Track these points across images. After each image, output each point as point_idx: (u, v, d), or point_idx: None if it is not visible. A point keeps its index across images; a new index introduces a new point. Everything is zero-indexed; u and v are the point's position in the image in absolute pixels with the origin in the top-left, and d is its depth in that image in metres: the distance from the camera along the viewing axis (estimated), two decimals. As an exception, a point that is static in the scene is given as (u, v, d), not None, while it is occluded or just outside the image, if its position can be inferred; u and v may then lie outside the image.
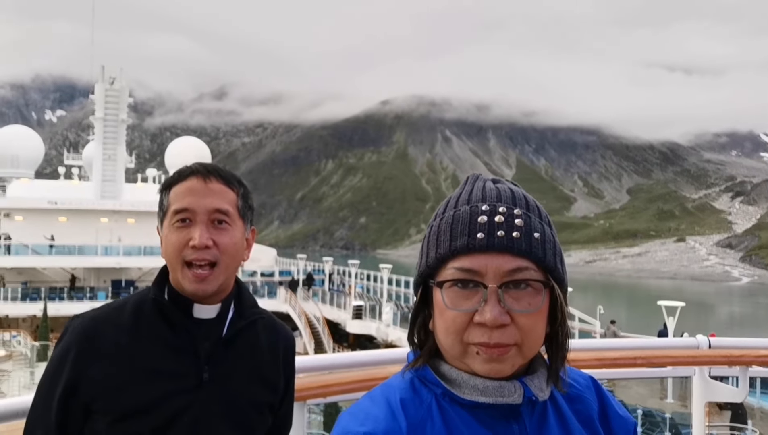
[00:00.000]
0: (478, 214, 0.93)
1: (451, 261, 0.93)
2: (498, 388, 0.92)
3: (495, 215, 0.92)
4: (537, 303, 0.92)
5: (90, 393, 1.36)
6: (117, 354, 1.37)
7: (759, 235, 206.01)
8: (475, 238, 0.91)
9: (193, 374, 1.41)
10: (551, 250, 0.94)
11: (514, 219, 0.92)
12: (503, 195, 0.96)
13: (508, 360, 0.91)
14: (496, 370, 0.91)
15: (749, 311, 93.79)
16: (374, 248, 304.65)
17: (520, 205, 0.95)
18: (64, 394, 1.37)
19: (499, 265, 0.90)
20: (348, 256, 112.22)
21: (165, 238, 1.45)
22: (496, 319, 0.88)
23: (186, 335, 1.42)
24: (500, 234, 0.91)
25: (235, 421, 1.45)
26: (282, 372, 1.58)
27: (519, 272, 0.91)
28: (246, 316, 1.52)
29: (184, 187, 1.44)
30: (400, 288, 43.78)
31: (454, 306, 0.91)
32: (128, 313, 1.42)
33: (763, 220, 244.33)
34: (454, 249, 0.92)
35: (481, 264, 0.91)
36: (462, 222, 0.93)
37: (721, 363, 3.33)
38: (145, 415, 1.36)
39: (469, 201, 0.96)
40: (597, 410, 1.05)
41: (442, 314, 0.93)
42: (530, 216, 0.95)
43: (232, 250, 1.45)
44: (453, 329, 0.92)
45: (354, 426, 0.91)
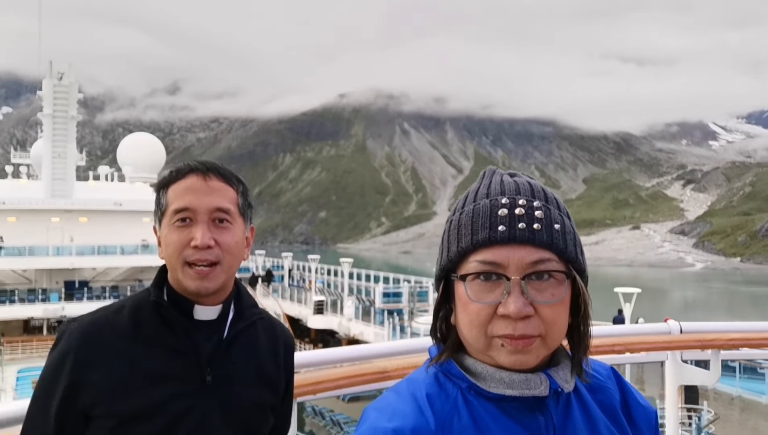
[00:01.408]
0: (498, 207, 0.94)
1: (473, 254, 0.94)
2: (524, 381, 0.92)
3: (515, 208, 0.93)
4: (560, 294, 0.92)
5: (90, 399, 1.33)
6: (117, 358, 1.35)
7: (711, 221, 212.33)
8: (497, 230, 0.92)
9: (195, 377, 1.39)
10: (572, 241, 0.95)
11: (534, 211, 0.93)
12: (522, 188, 0.97)
13: (533, 351, 0.91)
14: (521, 361, 0.92)
15: (702, 296, 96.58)
16: (335, 242, 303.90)
17: (539, 198, 0.96)
18: (62, 400, 1.34)
19: (522, 256, 0.91)
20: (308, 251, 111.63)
21: (164, 238, 1.42)
22: (520, 311, 0.89)
23: (186, 337, 1.41)
24: (521, 226, 0.92)
25: (238, 424, 1.43)
26: (282, 372, 1.57)
27: (541, 263, 0.92)
28: (246, 316, 1.51)
29: (184, 185, 1.42)
30: (362, 282, 43.65)
31: (477, 299, 0.92)
32: (127, 315, 1.40)
33: (713, 206, 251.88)
34: (476, 242, 0.93)
35: (504, 256, 0.91)
36: (483, 215, 0.94)
37: (693, 347, 3.37)
38: (148, 420, 1.34)
39: (488, 194, 0.97)
40: (619, 400, 1.06)
41: (465, 308, 0.94)
42: (549, 208, 0.96)
43: (234, 249, 1.44)
44: (477, 322, 0.92)
45: (382, 422, 0.91)
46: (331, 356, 2.33)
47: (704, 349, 3.36)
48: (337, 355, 2.35)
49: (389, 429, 0.90)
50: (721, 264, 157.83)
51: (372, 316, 33.31)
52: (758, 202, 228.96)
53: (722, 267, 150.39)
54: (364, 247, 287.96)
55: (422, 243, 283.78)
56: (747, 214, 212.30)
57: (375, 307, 34.45)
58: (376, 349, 2.57)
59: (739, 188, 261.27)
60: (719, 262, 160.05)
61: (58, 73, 43.90)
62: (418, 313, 32.34)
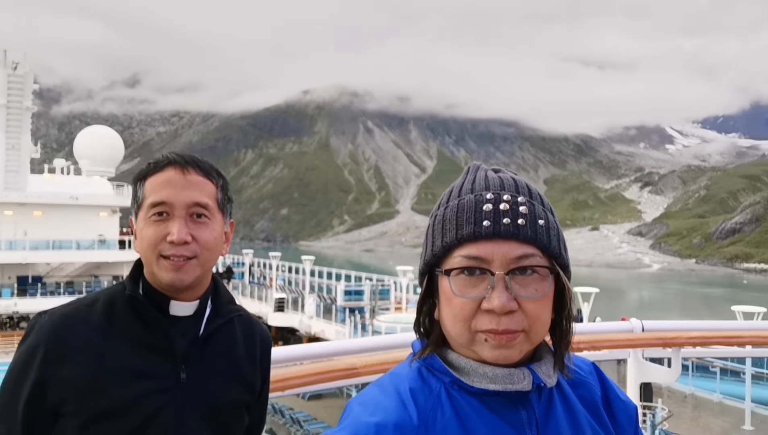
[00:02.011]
0: (483, 202, 0.94)
1: (458, 249, 0.93)
2: (507, 376, 0.93)
3: (500, 203, 0.94)
4: (543, 289, 0.93)
5: (60, 394, 1.29)
6: (89, 353, 1.30)
7: (667, 223, 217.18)
8: (481, 225, 0.92)
9: (170, 374, 1.35)
10: (555, 236, 0.96)
11: (519, 206, 0.94)
12: (506, 183, 0.97)
13: (517, 346, 0.92)
14: (505, 356, 0.92)
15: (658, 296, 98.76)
16: (297, 240, 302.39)
17: (523, 193, 0.96)
18: (30, 395, 1.30)
19: (506, 252, 0.91)
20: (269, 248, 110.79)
21: (140, 231, 1.39)
22: (504, 306, 0.89)
23: (161, 333, 1.37)
24: (506, 221, 0.92)
25: (212, 423, 1.40)
26: (259, 371, 1.54)
27: (525, 259, 0.92)
28: (223, 313, 1.47)
29: (161, 178, 1.38)
30: (323, 280, 43.52)
31: (461, 293, 0.92)
32: (100, 309, 1.36)
33: (669, 209, 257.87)
34: (461, 237, 0.93)
35: (488, 251, 0.92)
36: (467, 210, 0.94)
37: (656, 345, 3.42)
38: (120, 417, 1.29)
39: (473, 190, 0.97)
40: (600, 395, 1.06)
41: (449, 302, 0.94)
42: (534, 203, 0.96)
43: (212, 245, 1.40)
44: (461, 317, 0.92)
45: (365, 416, 0.92)
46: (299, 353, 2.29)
47: (666, 347, 3.42)
48: (306, 352, 2.33)
49: (372, 423, 0.90)
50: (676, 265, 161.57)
51: (333, 314, 33.19)
52: (712, 206, 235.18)
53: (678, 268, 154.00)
54: (327, 244, 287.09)
55: (385, 241, 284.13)
56: (702, 216, 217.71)
57: (336, 305, 34.37)
58: (344, 346, 2.55)
59: (694, 191, 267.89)
60: (675, 263, 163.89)
61: (13, 63, 42.62)
62: (379, 311, 32.36)
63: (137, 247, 1.40)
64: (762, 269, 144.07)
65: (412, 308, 32.18)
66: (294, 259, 50.02)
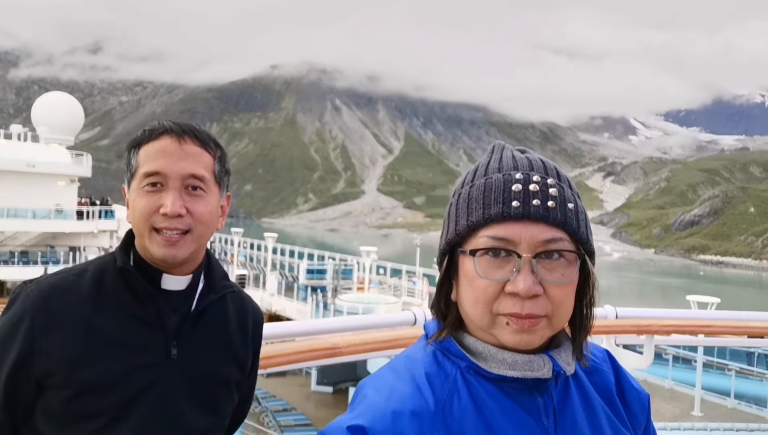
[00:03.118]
0: (511, 182, 0.91)
1: (484, 229, 0.91)
2: (527, 362, 0.90)
3: (529, 184, 0.91)
4: (570, 274, 0.90)
5: (45, 367, 1.24)
6: (77, 325, 1.26)
7: (628, 213, 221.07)
8: (510, 206, 0.89)
9: (161, 349, 1.31)
10: (584, 221, 0.93)
11: (549, 188, 0.91)
12: (535, 164, 0.94)
13: (538, 331, 0.90)
14: (526, 341, 0.89)
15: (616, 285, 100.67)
16: (260, 217, 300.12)
17: (552, 175, 0.94)
18: (14, 367, 1.25)
19: (534, 234, 0.89)
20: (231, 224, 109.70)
21: (132, 201, 1.33)
22: (530, 289, 0.87)
23: (153, 307, 1.32)
24: (535, 203, 0.89)
25: (202, 400, 1.36)
26: (250, 349, 1.51)
27: (553, 243, 0.89)
28: (216, 289, 1.42)
29: (156, 147, 1.32)
30: (285, 257, 43.24)
31: (485, 275, 0.89)
32: (89, 280, 1.30)
33: (631, 199, 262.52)
34: (488, 217, 0.90)
35: (516, 233, 0.89)
36: (495, 190, 0.91)
37: (630, 332, 3.41)
38: (108, 391, 1.25)
39: (500, 169, 0.94)
40: (614, 383, 1.05)
41: (471, 284, 0.91)
42: (563, 186, 0.93)
43: (207, 218, 1.35)
44: (483, 299, 0.90)
45: (380, 402, 0.89)
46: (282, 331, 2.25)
47: (640, 334, 3.40)
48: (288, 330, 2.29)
49: (388, 411, 0.88)
50: (636, 254, 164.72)
51: (295, 292, 33.06)
52: (672, 197, 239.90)
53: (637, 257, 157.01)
54: (290, 222, 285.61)
55: (349, 221, 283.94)
56: (662, 207, 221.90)
57: (298, 283, 34.20)
58: (327, 325, 2.50)
59: (655, 183, 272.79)
60: (635, 252, 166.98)
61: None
62: (342, 291, 32.33)
63: (129, 217, 1.34)
64: (718, 261, 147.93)
65: (375, 288, 32.27)
66: (256, 235, 49.59)
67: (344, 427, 0.87)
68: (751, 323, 3.60)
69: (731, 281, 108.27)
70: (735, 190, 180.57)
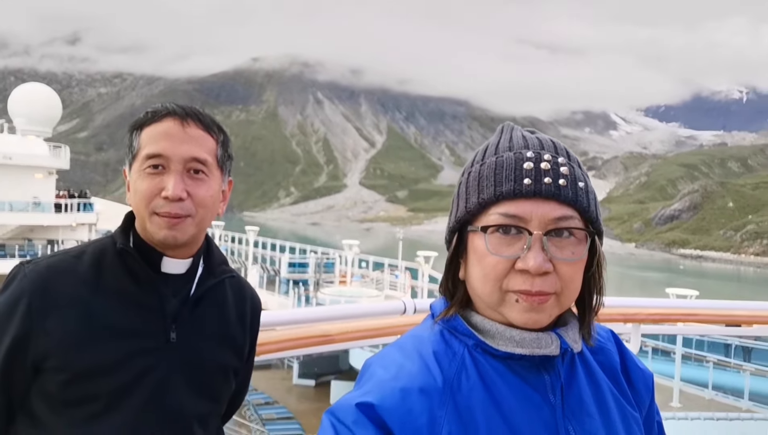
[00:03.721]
0: (523, 160, 0.91)
1: (495, 206, 0.91)
2: (535, 340, 0.91)
3: (540, 162, 0.91)
4: (580, 252, 0.91)
5: (42, 349, 1.22)
6: (75, 307, 1.23)
7: (609, 207, 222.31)
8: (522, 183, 0.90)
9: (160, 333, 1.30)
10: (594, 200, 0.94)
11: (560, 167, 0.91)
12: (546, 144, 0.95)
13: (547, 310, 0.90)
14: (534, 319, 0.90)
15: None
16: (241, 210, 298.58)
17: (563, 154, 0.94)
18: (11, 349, 1.22)
19: (546, 212, 0.89)
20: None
21: (133, 183, 1.31)
22: (540, 266, 0.87)
23: (152, 290, 1.30)
24: (547, 181, 0.90)
25: (200, 386, 1.35)
26: (248, 335, 1.50)
27: (564, 220, 0.90)
28: (216, 274, 1.41)
29: (159, 129, 1.30)
30: (267, 251, 43.02)
31: (496, 252, 0.89)
32: (88, 262, 1.29)
33: (612, 193, 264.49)
34: (500, 194, 0.90)
35: (527, 210, 0.89)
36: (507, 167, 0.92)
37: (617, 320, 3.41)
38: (106, 375, 1.23)
39: (511, 148, 0.94)
40: (619, 362, 1.06)
41: (480, 261, 0.92)
42: (573, 166, 0.94)
43: (208, 203, 1.33)
44: (493, 276, 0.90)
45: (388, 379, 0.90)
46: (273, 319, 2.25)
47: (627, 323, 3.43)
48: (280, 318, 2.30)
49: (397, 388, 0.88)
50: (617, 249, 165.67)
51: (277, 285, 32.93)
52: (652, 192, 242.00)
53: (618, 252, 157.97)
54: (272, 216, 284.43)
55: (332, 215, 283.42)
56: (642, 202, 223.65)
57: (280, 276, 34.09)
58: (319, 313, 2.52)
59: (635, 177, 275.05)
60: (616, 246, 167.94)
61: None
62: (324, 284, 32.25)
63: (129, 199, 1.33)
64: (698, 255, 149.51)
65: (357, 282, 32.23)
66: (238, 229, 49.29)
67: (353, 404, 0.87)
68: (729, 311, 3.70)
69: (711, 275, 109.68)
70: (714, 185, 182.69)
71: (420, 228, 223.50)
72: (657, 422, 1.10)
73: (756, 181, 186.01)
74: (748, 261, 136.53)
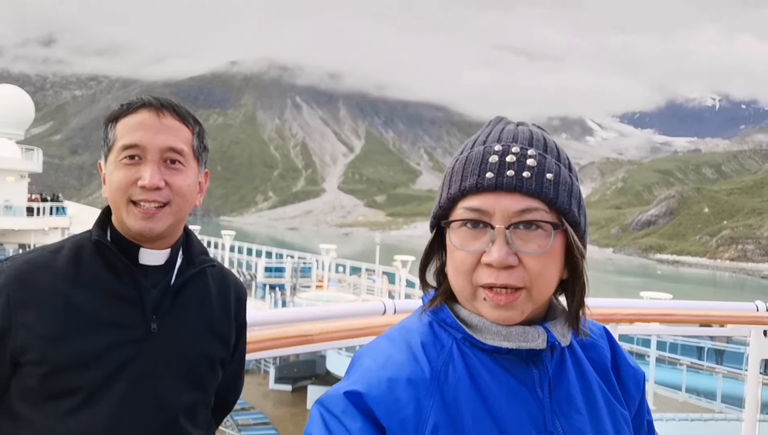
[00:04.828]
0: (490, 153, 0.92)
1: (462, 201, 0.92)
2: (522, 334, 0.91)
3: (507, 155, 0.91)
4: (546, 245, 0.89)
5: (21, 343, 1.22)
6: (54, 301, 1.24)
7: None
8: (484, 177, 0.90)
9: (140, 324, 1.30)
10: (566, 191, 0.92)
11: (527, 159, 0.90)
12: (520, 136, 0.94)
13: (518, 307, 0.90)
14: (505, 317, 0.90)
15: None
16: (218, 215, 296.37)
17: (537, 146, 0.93)
18: None
19: (508, 205, 0.89)
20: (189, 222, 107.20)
21: (109, 175, 1.31)
22: (503, 260, 0.87)
23: (131, 282, 1.30)
24: (509, 174, 0.89)
25: (184, 376, 1.35)
26: (233, 324, 1.49)
27: (528, 213, 0.89)
28: (195, 263, 1.41)
29: (135, 120, 1.31)
30: (243, 255, 42.70)
31: (462, 246, 0.90)
32: (66, 256, 1.29)
33: (589, 199, 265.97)
34: (464, 189, 0.91)
35: (490, 204, 0.89)
36: (474, 162, 0.92)
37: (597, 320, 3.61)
38: (85, 368, 1.23)
39: (485, 142, 0.95)
40: (610, 359, 1.06)
41: (451, 255, 0.93)
42: (545, 156, 0.92)
43: (185, 192, 1.33)
44: (462, 270, 0.91)
45: (376, 369, 0.90)
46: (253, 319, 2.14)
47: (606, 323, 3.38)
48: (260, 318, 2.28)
49: (384, 377, 0.88)
50: (595, 254, 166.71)
51: (253, 289, 32.66)
52: (628, 197, 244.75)
53: (596, 257, 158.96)
54: (250, 221, 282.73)
55: (310, 220, 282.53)
56: (618, 207, 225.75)
57: (256, 281, 33.83)
58: (299, 314, 2.52)
59: (612, 183, 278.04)
60: (594, 251, 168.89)
61: None
62: (300, 289, 32.08)
63: (105, 191, 1.33)
64: (674, 260, 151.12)
65: (334, 286, 32.08)
66: (214, 234, 48.85)
67: (341, 393, 0.87)
68: (703, 312, 3.83)
69: (687, 280, 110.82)
70: (690, 191, 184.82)
71: (399, 233, 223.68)
72: (647, 421, 1.10)
73: (730, 187, 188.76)
74: (723, 266, 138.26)
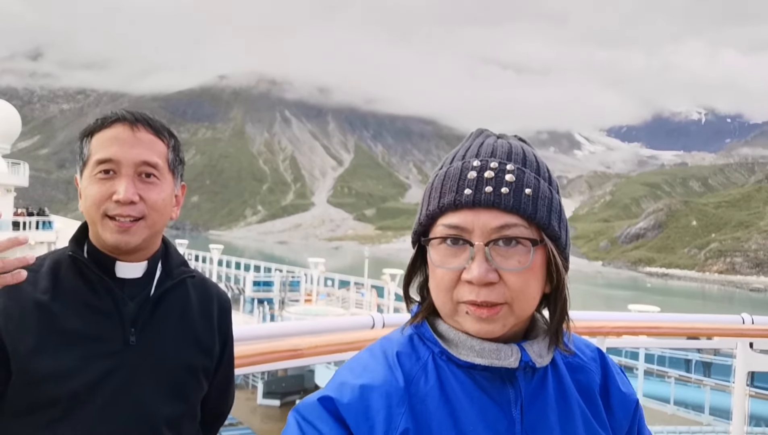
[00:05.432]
0: (468, 169, 0.91)
1: (441, 218, 0.91)
2: (495, 351, 0.90)
3: (485, 171, 0.90)
4: (526, 261, 0.88)
5: (11, 350, 1.24)
6: (32, 315, 1.26)
7: (575, 226, 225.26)
8: (462, 193, 0.89)
9: (118, 337, 1.30)
10: (545, 206, 0.91)
11: (505, 174, 0.90)
12: (499, 150, 0.93)
13: (499, 320, 0.89)
14: (486, 330, 0.89)
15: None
16: (207, 229, 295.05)
17: (516, 160, 0.92)
18: None
19: (486, 221, 0.88)
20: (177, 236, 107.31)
21: (84, 189, 1.32)
22: (482, 277, 0.87)
23: (108, 296, 1.31)
24: (488, 190, 0.89)
25: (166, 387, 1.35)
26: (217, 334, 1.48)
27: (507, 229, 0.88)
28: (174, 275, 1.41)
29: (109, 135, 1.31)
30: (231, 269, 42.52)
31: (442, 264, 0.90)
32: (45, 272, 1.31)
33: (577, 212, 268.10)
34: (442, 205, 0.91)
35: (468, 220, 0.89)
36: (452, 178, 0.91)
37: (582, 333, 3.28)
38: (62, 381, 1.24)
39: (464, 157, 0.94)
40: (599, 383, 1.04)
41: (433, 272, 0.93)
42: (524, 171, 0.91)
43: (160, 206, 1.34)
44: (443, 287, 0.91)
45: (351, 378, 0.91)
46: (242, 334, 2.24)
47: (593, 336, 3.50)
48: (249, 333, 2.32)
49: (357, 385, 0.90)
50: (584, 267, 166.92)
51: (241, 304, 32.50)
52: (617, 211, 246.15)
53: (585, 270, 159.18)
54: (238, 235, 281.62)
55: (299, 234, 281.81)
56: (607, 220, 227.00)
57: (245, 295, 33.66)
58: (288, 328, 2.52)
59: (600, 196, 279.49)
60: (583, 265, 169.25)
61: None
62: (289, 303, 31.92)
63: (81, 206, 1.34)
64: (663, 273, 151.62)
65: (323, 300, 31.96)
66: (203, 248, 48.63)
67: (315, 399, 0.89)
68: (691, 324, 3.88)
69: (676, 293, 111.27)
70: (678, 204, 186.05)
71: (388, 246, 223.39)
72: None
73: (718, 200, 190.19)
74: (712, 278, 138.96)
